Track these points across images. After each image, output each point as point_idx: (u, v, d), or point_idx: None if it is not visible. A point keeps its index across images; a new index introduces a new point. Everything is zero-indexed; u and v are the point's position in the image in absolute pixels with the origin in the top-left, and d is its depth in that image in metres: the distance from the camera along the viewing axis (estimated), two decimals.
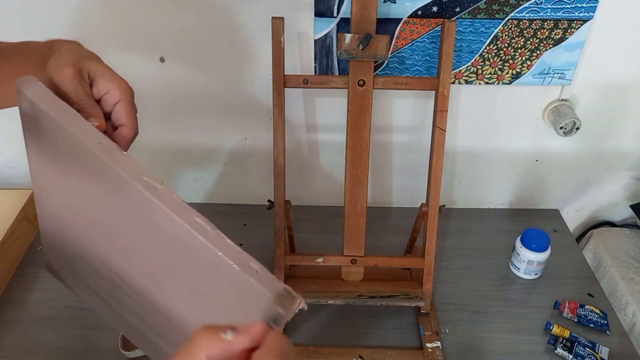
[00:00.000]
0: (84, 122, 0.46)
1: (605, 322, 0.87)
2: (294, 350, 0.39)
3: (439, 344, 0.83)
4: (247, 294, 0.41)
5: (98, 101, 0.50)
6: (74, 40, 0.55)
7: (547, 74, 0.92)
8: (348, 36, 0.73)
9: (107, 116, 0.50)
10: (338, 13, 0.85)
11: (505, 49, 0.89)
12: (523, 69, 0.92)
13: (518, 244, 0.95)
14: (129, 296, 0.53)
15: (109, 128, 0.51)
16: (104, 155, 0.44)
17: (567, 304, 0.89)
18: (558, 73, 0.92)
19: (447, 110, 0.77)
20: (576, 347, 0.81)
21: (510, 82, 0.93)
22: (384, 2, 0.84)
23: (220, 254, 0.41)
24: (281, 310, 0.39)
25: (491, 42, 0.88)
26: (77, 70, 0.49)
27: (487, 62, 0.91)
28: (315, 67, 0.92)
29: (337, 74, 0.92)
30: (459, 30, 0.87)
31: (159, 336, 0.55)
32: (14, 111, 1.09)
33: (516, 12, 0.85)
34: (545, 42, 0.88)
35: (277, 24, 0.74)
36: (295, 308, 0.40)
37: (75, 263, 0.57)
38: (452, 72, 0.90)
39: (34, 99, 0.47)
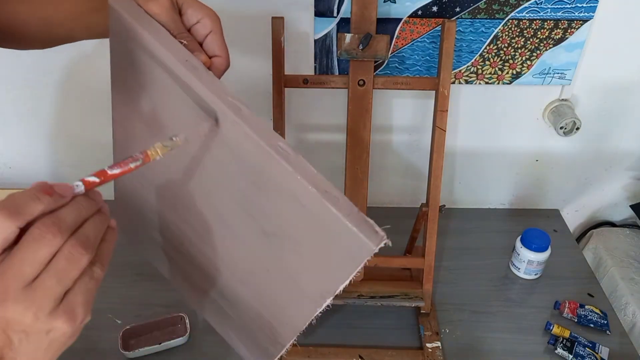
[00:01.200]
0: (173, 40, 0.46)
1: (605, 322, 0.87)
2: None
3: (439, 344, 0.83)
4: (329, 227, 0.41)
5: (188, 31, 0.49)
6: None
7: (547, 74, 0.92)
8: (348, 36, 0.73)
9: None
10: (338, 13, 0.85)
11: (505, 49, 0.89)
12: (523, 69, 0.91)
13: (518, 244, 0.95)
14: (195, 231, 0.53)
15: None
16: (190, 72, 0.44)
17: (567, 304, 0.89)
18: (558, 73, 0.92)
19: (447, 110, 0.77)
20: (576, 347, 0.81)
21: (510, 82, 0.93)
22: (384, 2, 0.84)
23: (299, 177, 0.40)
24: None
25: (491, 42, 0.88)
26: (171, 1, 0.48)
27: (487, 62, 0.91)
28: (315, 67, 0.92)
29: (337, 74, 0.92)
30: (459, 30, 0.87)
31: (209, 280, 0.55)
32: (15, 112, 1.09)
33: (516, 12, 0.85)
34: (545, 42, 0.88)
35: (277, 24, 0.74)
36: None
37: (149, 202, 0.58)
38: (452, 72, 0.90)
39: (126, 16, 0.46)
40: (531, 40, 0.88)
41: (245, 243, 0.49)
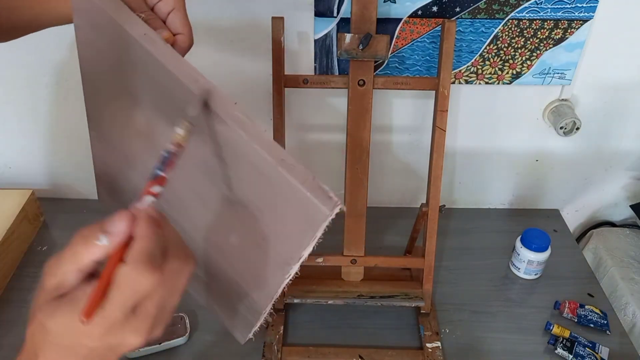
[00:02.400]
0: (132, 15, 0.47)
1: (605, 322, 0.87)
2: (175, 235, 0.39)
3: (439, 344, 0.83)
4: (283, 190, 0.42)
5: (151, 10, 0.50)
6: None
7: (547, 74, 0.92)
8: (348, 36, 0.73)
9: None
10: (338, 13, 0.85)
11: (505, 49, 0.89)
12: (523, 69, 0.91)
13: (518, 244, 0.95)
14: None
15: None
16: (149, 45, 0.45)
17: (567, 304, 0.89)
18: (558, 73, 0.92)
19: (447, 110, 0.77)
20: (576, 347, 0.81)
21: (510, 82, 0.93)
22: (384, 2, 0.84)
23: (256, 146, 0.41)
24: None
25: (491, 42, 0.88)
26: None
27: (487, 62, 0.91)
28: (315, 67, 0.92)
29: (337, 74, 0.92)
30: (459, 30, 0.87)
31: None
32: (15, 112, 1.09)
33: (516, 12, 0.85)
34: (545, 42, 0.88)
35: (277, 24, 0.74)
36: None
37: (130, 178, 0.60)
38: (452, 72, 0.90)
39: None
40: (531, 40, 0.88)
41: (214, 212, 0.51)
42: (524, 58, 0.90)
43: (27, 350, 0.38)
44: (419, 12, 0.85)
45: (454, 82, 0.93)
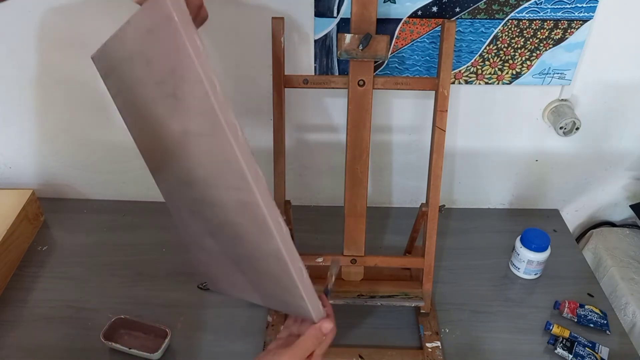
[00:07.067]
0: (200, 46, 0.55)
1: (605, 322, 0.87)
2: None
3: (438, 343, 0.83)
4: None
5: None
6: None
7: (547, 74, 0.92)
8: (348, 36, 0.73)
9: None
10: (338, 13, 0.85)
11: (505, 49, 0.89)
12: (523, 69, 0.92)
13: (518, 243, 0.95)
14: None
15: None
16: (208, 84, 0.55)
17: (567, 304, 0.89)
18: (558, 73, 0.92)
19: (447, 110, 0.77)
20: (576, 347, 0.81)
21: (510, 82, 0.93)
22: (384, 2, 0.84)
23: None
24: None
25: (491, 42, 0.88)
26: None
27: (487, 62, 0.91)
28: (315, 67, 0.92)
29: (337, 74, 0.92)
30: (459, 30, 0.87)
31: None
32: (15, 111, 1.09)
33: (516, 12, 0.85)
34: (545, 42, 0.88)
35: (277, 24, 0.74)
36: None
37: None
38: (452, 72, 0.90)
39: (176, 17, 0.53)
40: (531, 40, 0.88)
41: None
42: (523, 58, 0.90)
43: None
44: (419, 13, 0.85)
45: (453, 82, 0.93)
